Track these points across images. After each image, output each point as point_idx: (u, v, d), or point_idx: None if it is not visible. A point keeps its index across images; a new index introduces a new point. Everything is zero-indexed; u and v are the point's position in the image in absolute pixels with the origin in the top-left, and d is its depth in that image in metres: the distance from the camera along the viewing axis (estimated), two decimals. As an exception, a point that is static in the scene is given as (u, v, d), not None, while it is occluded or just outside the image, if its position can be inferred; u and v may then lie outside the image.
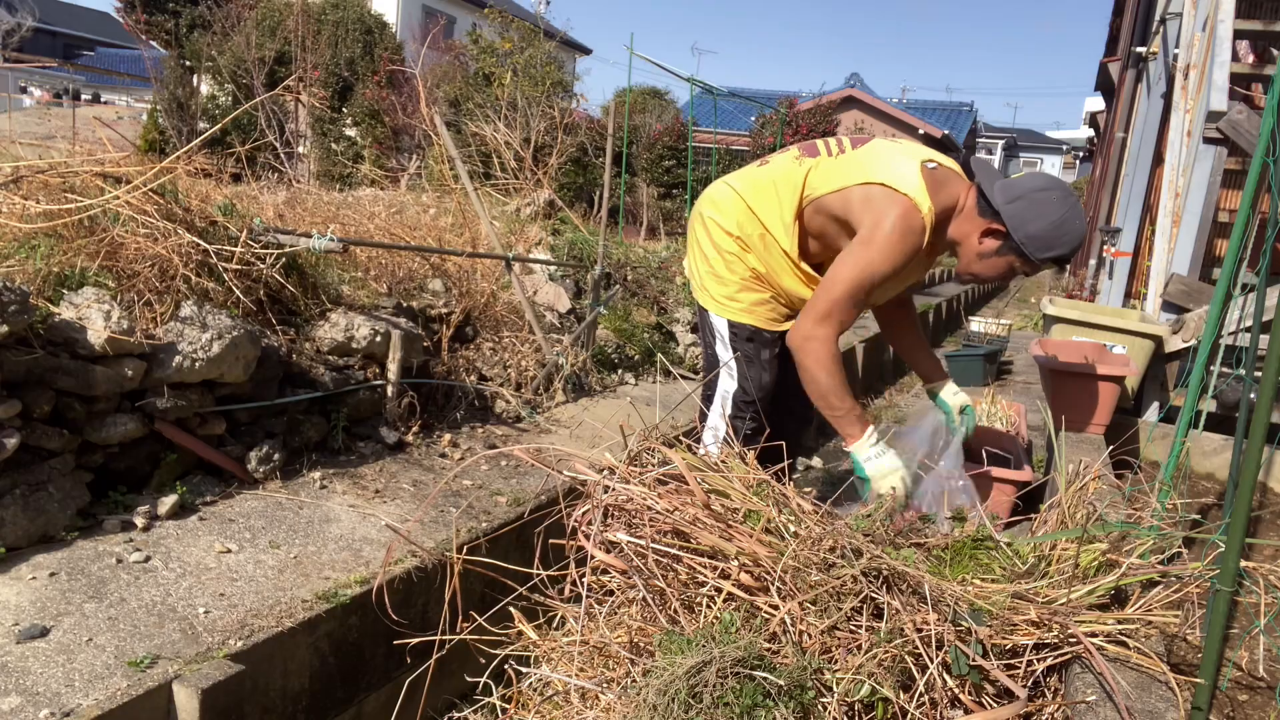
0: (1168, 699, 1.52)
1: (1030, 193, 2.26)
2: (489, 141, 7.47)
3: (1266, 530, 2.69)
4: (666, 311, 5.99)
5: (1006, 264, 2.33)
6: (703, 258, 2.64)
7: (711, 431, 2.65)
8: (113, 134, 4.59)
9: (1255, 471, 1.45)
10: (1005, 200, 2.26)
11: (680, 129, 13.39)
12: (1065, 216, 2.24)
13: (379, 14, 15.22)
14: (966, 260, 2.40)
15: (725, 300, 2.60)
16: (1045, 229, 2.23)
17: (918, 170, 2.30)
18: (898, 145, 2.47)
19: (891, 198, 2.26)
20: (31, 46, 19.72)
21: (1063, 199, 2.26)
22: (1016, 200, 2.25)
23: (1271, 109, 2.03)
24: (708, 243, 2.62)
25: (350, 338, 3.25)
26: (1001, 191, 2.28)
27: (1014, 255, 2.30)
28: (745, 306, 2.59)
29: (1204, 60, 4.06)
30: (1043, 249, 2.25)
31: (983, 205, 2.31)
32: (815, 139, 2.60)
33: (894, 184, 2.27)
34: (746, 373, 2.60)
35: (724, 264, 2.58)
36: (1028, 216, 2.24)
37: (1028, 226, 2.24)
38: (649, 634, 1.61)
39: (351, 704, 2.33)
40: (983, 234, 2.32)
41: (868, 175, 2.33)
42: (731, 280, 2.58)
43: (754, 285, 2.58)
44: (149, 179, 2.76)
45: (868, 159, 2.39)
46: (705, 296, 2.65)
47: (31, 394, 2.29)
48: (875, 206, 2.27)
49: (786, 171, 2.50)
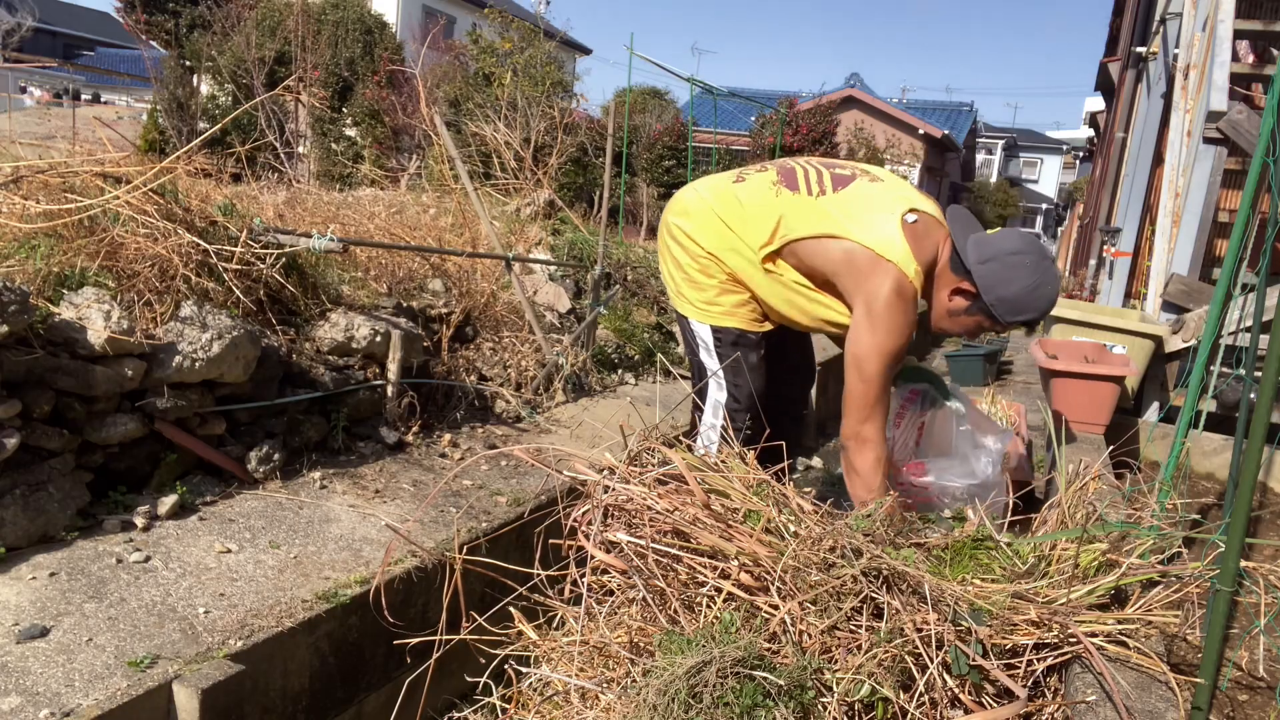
0: (1168, 699, 1.52)
1: (1003, 255, 2.22)
2: (489, 141, 7.47)
3: (1266, 530, 2.69)
4: (666, 311, 5.99)
5: (975, 323, 2.32)
6: (676, 265, 2.59)
7: (706, 440, 2.62)
8: (113, 134, 4.59)
9: (1255, 471, 1.45)
10: (978, 260, 2.23)
11: (680, 129, 13.39)
12: (1038, 282, 2.21)
13: (379, 14, 15.22)
14: (937, 316, 2.40)
15: (705, 305, 2.55)
16: (1016, 293, 2.21)
17: (898, 227, 2.25)
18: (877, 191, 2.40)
19: (879, 267, 2.22)
20: (31, 46, 19.72)
21: (1036, 264, 2.23)
22: (989, 262, 2.22)
23: (1271, 109, 2.03)
24: (680, 250, 2.57)
25: (350, 338, 3.26)
26: (975, 250, 2.24)
27: (982, 316, 2.28)
28: (726, 309, 2.54)
29: (1204, 60, 4.06)
30: (1012, 313, 2.23)
31: (955, 261, 2.28)
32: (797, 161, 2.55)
33: (879, 249, 2.23)
34: (735, 380, 2.56)
35: (699, 269, 2.53)
36: (998, 280, 2.21)
37: (998, 290, 2.21)
38: (649, 634, 1.61)
39: (351, 704, 2.33)
40: (953, 292, 2.30)
41: (850, 232, 2.27)
42: (709, 285, 2.53)
43: (732, 287, 2.53)
44: (149, 179, 2.76)
45: (849, 210, 2.33)
46: (684, 304, 2.59)
47: (31, 394, 2.29)
48: (865, 277, 2.23)
49: (762, 199, 2.44)
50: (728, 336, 2.55)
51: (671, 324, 5.82)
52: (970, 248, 2.25)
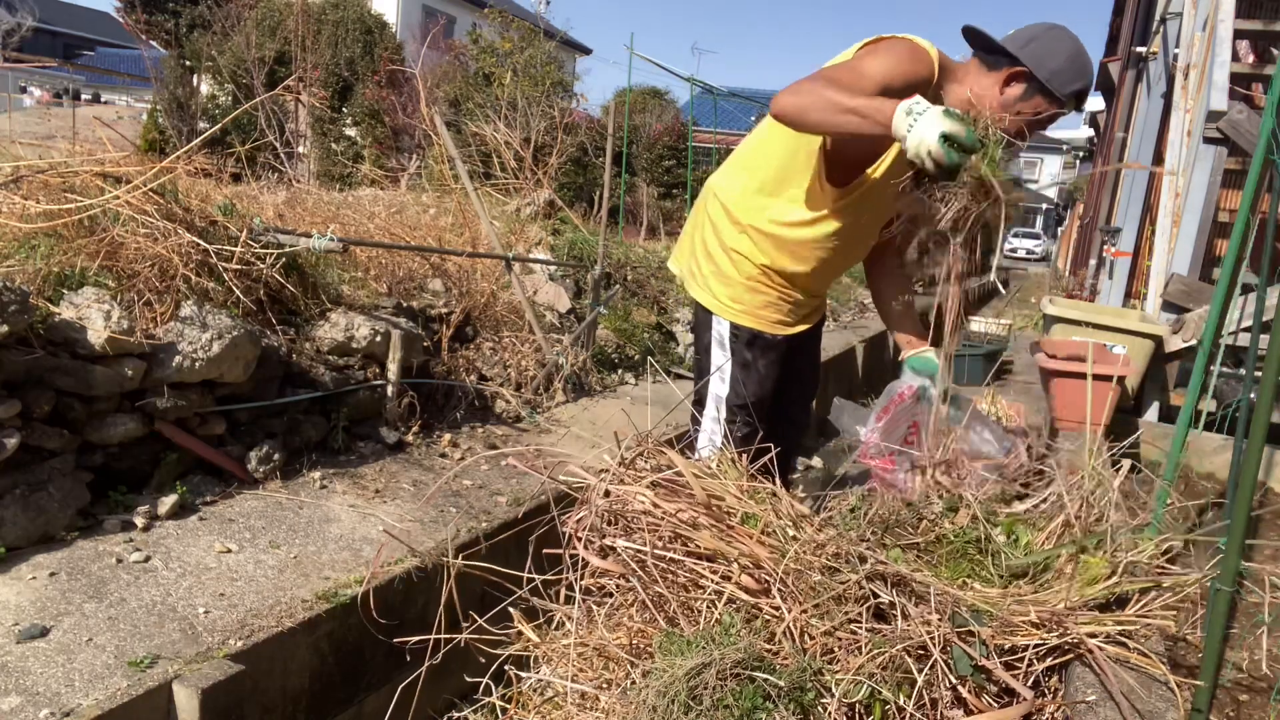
0: (1168, 699, 1.52)
1: (1040, 34, 2.31)
2: (489, 141, 7.47)
3: (1266, 530, 2.69)
4: (666, 311, 5.99)
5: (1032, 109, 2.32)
6: (706, 256, 2.58)
7: (706, 435, 2.61)
8: (113, 134, 4.59)
9: (1255, 471, 1.45)
10: (1019, 46, 2.30)
11: (680, 129, 13.40)
12: (1076, 50, 2.31)
13: (379, 14, 15.22)
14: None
15: (729, 301, 2.55)
16: (1063, 64, 2.28)
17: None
18: None
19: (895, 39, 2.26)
20: (31, 46, 19.71)
21: (1069, 35, 2.33)
22: (1031, 43, 2.30)
23: (1271, 109, 2.03)
24: (714, 241, 2.55)
25: (350, 338, 3.25)
26: (1010, 41, 2.32)
27: (1040, 96, 2.31)
28: (749, 309, 2.53)
29: (1204, 60, 4.05)
30: (1066, 83, 2.29)
31: (991, 60, 2.33)
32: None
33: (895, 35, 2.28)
34: (741, 377, 2.56)
35: (730, 263, 2.52)
36: (1045, 54, 2.28)
37: (1048, 63, 2.27)
38: (649, 635, 1.61)
39: (351, 704, 2.33)
40: (1005, 82, 2.32)
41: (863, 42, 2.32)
42: (737, 280, 2.52)
43: (761, 285, 2.52)
44: (149, 179, 2.76)
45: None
46: (708, 296, 2.58)
47: (31, 394, 2.29)
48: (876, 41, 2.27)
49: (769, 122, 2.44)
50: (745, 335, 2.55)
51: (672, 324, 5.81)
52: (1008, 41, 2.32)
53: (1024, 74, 2.29)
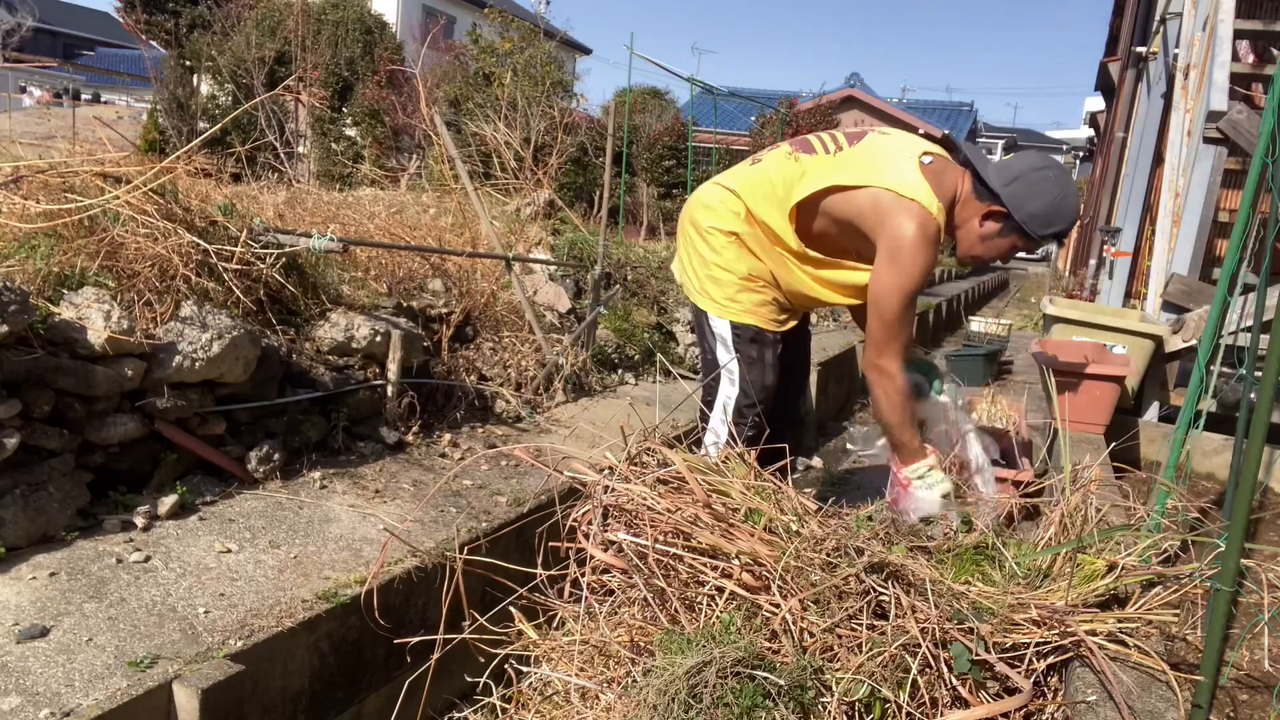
0: (1168, 698, 1.52)
1: (1026, 173, 2.33)
2: (489, 141, 7.47)
3: (1266, 530, 2.69)
4: (666, 311, 5.99)
5: (1009, 243, 2.40)
6: (701, 261, 2.63)
7: (713, 437, 2.64)
8: (113, 134, 4.59)
9: (1255, 471, 1.45)
10: (1003, 183, 2.33)
11: (680, 129, 13.39)
12: (1062, 193, 2.33)
13: (379, 14, 15.21)
14: (968, 244, 2.46)
15: (726, 302, 2.59)
16: (1044, 207, 2.31)
17: (917, 169, 2.34)
18: (891, 140, 2.49)
19: (903, 207, 2.29)
20: (31, 46, 19.72)
21: (1057, 177, 2.35)
22: (1014, 181, 2.32)
23: (1271, 109, 2.03)
24: (703, 246, 2.61)
25: (350, 338, 3.25)
26: (998, 174, 2.35)
27: (1016, 234, 2.37)
28: (746, 307, 2.58)
29: (1204, 60, 4.06)
30: (1043, 226, 2.33)
31: (979, 189, 2.37)
32: (807, 135, 2.60)
33: (901, 190, 2.30)
34: (749, 375, 2.59)
35: (721, 266, 2.58)
36: (1026, 196, 2.31)
37: (1027, 206, 2.31)
38: (649, 633, 1.61)
39: (351, 704, 2.33)
40: (983, 217, 2.38)
41: (871, 178, 2.34)
42: (730, 282, 2.57)
43: (752, 286, 2.58)
44: (149, 179, 2.76)
45: (868, 159, 2.40)
46: (705, 300, 2.64)
47: (31, 394, 2.29)
48: (889, 218, 2.30)
49: (781, 168, 2.50)
50: (746, 333, 2.59)
51: (672, 324, 5.82)
52: (993, 173, 2.36)
53: (1003, 213, 2.35)
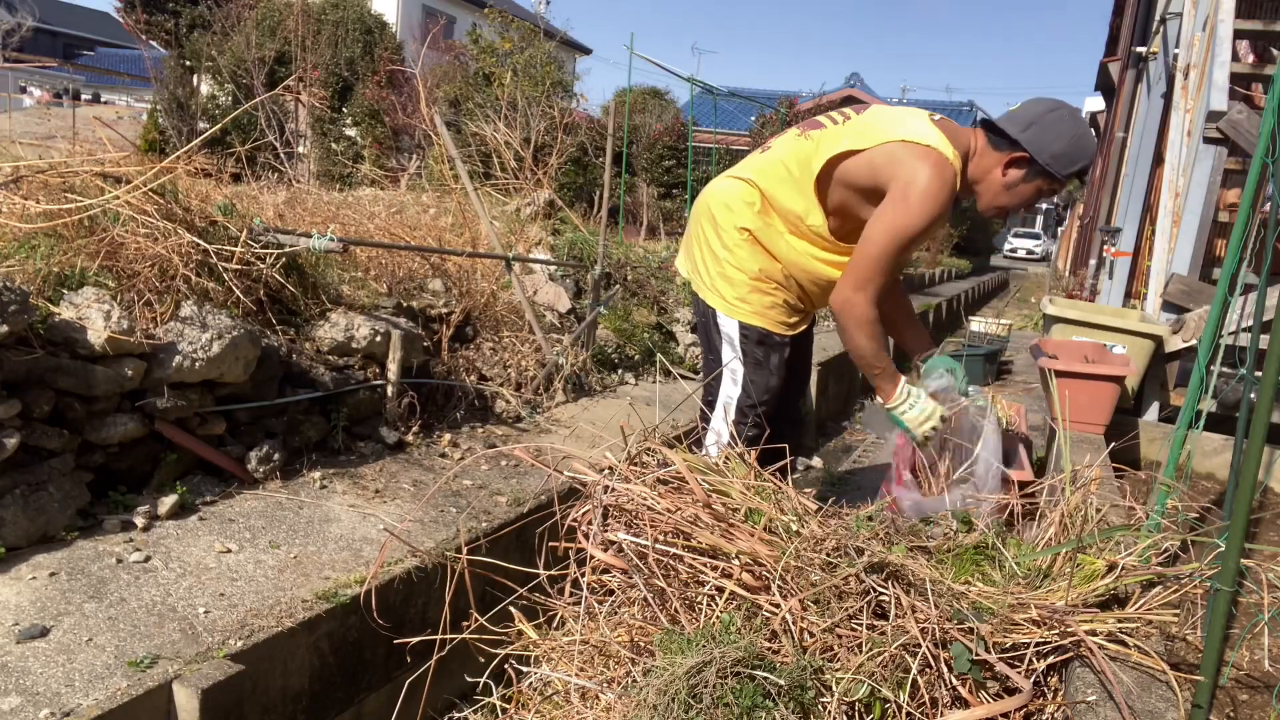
0: (1168, 699, 1.52)
1: (1041, 116, 2.36)
2: (489, 141, 7.47)
3: (1266, 530, 2.69)
4: (666, 311, 5.99)
5: (1033, 189, 2.42)
6: (713, 258, 2.60)
7: (714, 436, 2.62)
8: (113, 134, 4.59)
9: (1255, 471, 1.45)
10: (1020, 129, 2.35)
11: (680, 129, 13.39)
12: (1079, 131, 2.36)
13: (379, 14, 15.22)
14: (991, 195, 2.46)
15: (736, 302, 2.57)
16: (1065, 146, 2.33)
17: (929, 123, 2.36)
18: (898, 109, 2.52)
19: (918, 152, 2.29)
20: (31, 46, 19.72)
21: (1071, 115, 2.38)
22: (1031, 126, 2.35)
23: (1271, 109, 2.03)
24: (717, 243, 2.58)
25: (350, 338, 3.25)
26: (1013, 123, 2.37)
27: (1041, 178, 2.38)
28: (756, 309, 2.56)
29: (1204, 60, 4.06)
30: (1067, 165, 2.35)
31: (995, 140, 2.39)
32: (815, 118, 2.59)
33: (915, 138, 2.31)
34: (753, 377, 2.58)
35: (733, 265, 2.55)
36: (1047, 139, 2.33)
37: (1050, 147, 2.33)
38: (649, 633, 1.61)
39: (351, 704, 2.33)
40: (1006, 166, 2.39)
41: (885, 135, 2.35)
42: (741, 281, 2.55)
43: (763, 287, 2.55)
44: (149, 179, 2.76)
45: (878, 120, 2.41)
46: (715, 298, 2.60)
47: (31, 394, 2.29)
48: (904, 163, 2.30)
49: (794, 149, 2.49)
50: (753, 335, 2.57)
51: (672, 324, 5.81)
52: (1008, 123, 2.38)
53: (1025, 159, 2.36)
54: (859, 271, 2.36)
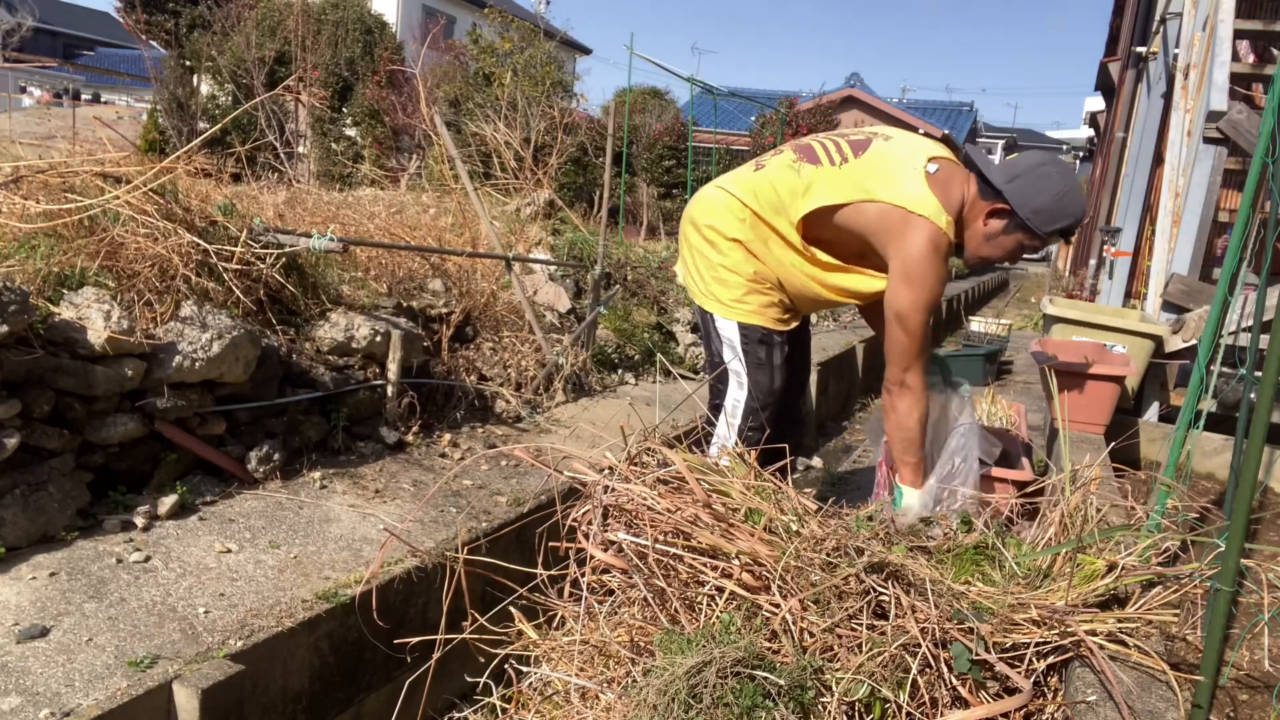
0: (1168, 699, 1.52)
1: (1029, 170, 2.34)
2: (489, 141, 7.47)
3: (1266, 530, 2.69)
4: (666, 311, 5.99)
5: (1015, 242, 2.40)
6: (706, 264, 2.62)
7: (720, 441, 2.63)
8: (113, 134, 4.59)
9: (1255, 471, 1.45)
10: (1006, 180, 2.33)
11: (680, 129, 13.39)
12: (1065, 189, 2.33)
13: (379, 14, 15.21)
14: (975, 245, 2.45)
15: (733, 304, 2.58)
16: (1048, 203, 2.31)
17: (923, 182, 2.33)
18: (895, 148, 2.48)
19: (913, 224, 2.30)
20: (31, 46, 19.71)
21: (1061, 173, 2.35)
22: (1017, 179, 2.33)
23: (1271, 109, 2.03)
24: (708, 249, 2.60)
25: (350, 338, 3.25)
26: (1001, 172, 2.35)
27: (1021, 232, 2.36)
28: (754, 308, 2.57)
29: (1204, 60, 4.06)
30: (1048, 222, 2.32)
31: (984, 189, 2.37)
32: (809, 139, 2.59)
33: (910, 205, 2.31)
34: (756, 377, 2.59)
35: (727, 268, 2.57)
36: (1030, 193, 2.31)
37: (1032, 202, 2.31)
38: (649, 633, 1.61)
39: (351, 704, 2.33)
40: (988, 216, 2.38)
41: (878, 194, 2.35)
42: (737, 283, 2.56)
43: (759, 287, 2.57)
44: (149, 179, 2.76)
45: (873, 172, 2.40)
46: (711, 302, 2.62)
47: (31, 394, 2.29)
48: (900, 235, 2.32)
49: (785, 178, 2.49)
50: (754, 334, 2.58)
51: (672, 324, 5.81)
52: (996, 172, 2.36)
53: (1006, 210, 2.34)
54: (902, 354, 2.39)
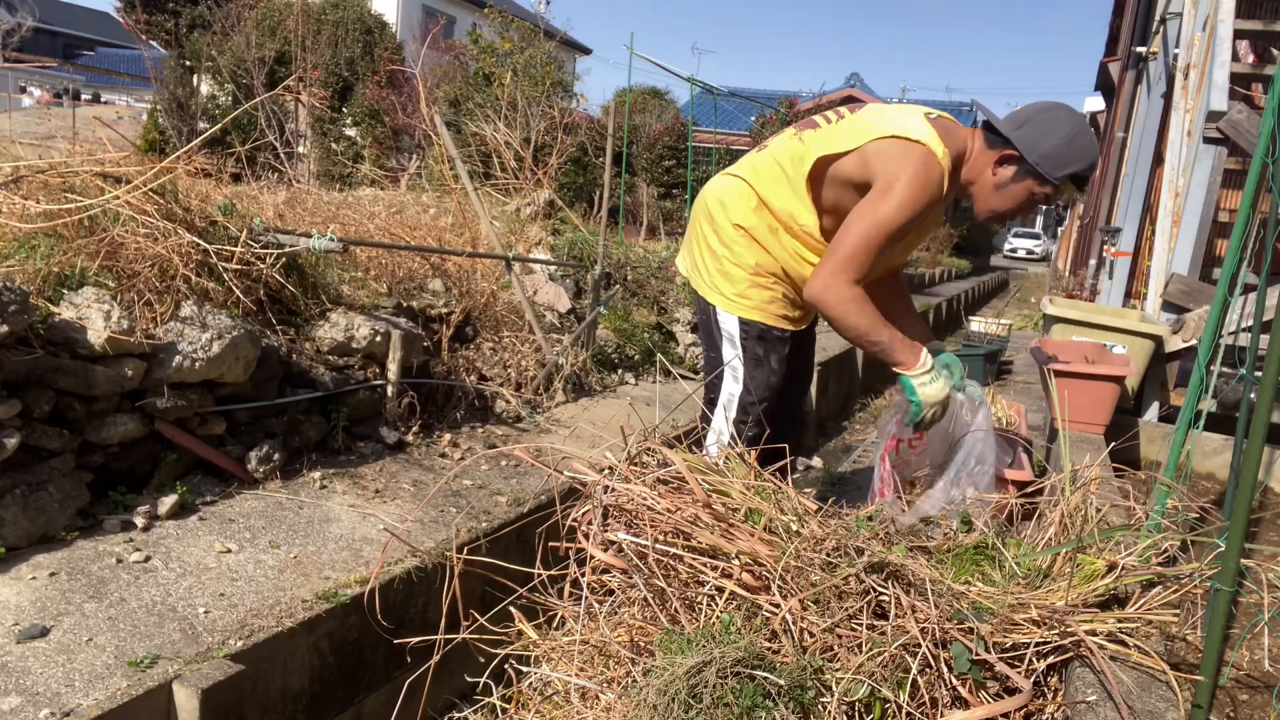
0: (1168, 699, 1.52)
1: (1036, 114, 2.30)
2: (489, 141, 7.47)
3: (1266, 530, 2.69)
4: (666, 311, 5.99)
5: (1025, 190, 2.33)
6: (712, 255, 2.59)
7: (715, 435, 2.62)
8: (113, 134, 4.59)
9: (1255, 471, 1.45)
10: (1014, 127, 2.30)
11: (680, 129, 13.40)
12: (1075, 132, 2.27)
13: (379, 14, 15.22)
14: (984, 196, 2.40)
15: (736, 298, 2.56)
16: (1057, 146, 2.26)
17: (922, 119, 2.32)
18: (893, 107, 2.48)
19: (906, 147, 2.25)
20: (31, 46, 19.72)
21: (1069, 116, 2.30)
22: (1025, 124, 2.29)
23: (1271, 109, 2.03)
24: (715, 240, 2.58)
25: (350, 338, 3.25)
26: (1009, 120, 2.32)
27: (1031, 179, 2.31)
28: (755, 304, 2.55)
29: (1204, 60, 4.06)
30: (1058, 167, 2.27)
31: (990, 138, 2.34)
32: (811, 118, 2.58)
33: (904, 134, 2.27)
34: (753, 374, 2.57)
35: (731, 261, 2.55)
36: (1038, 136, 2.27)
37: (1040, 146, 2.26)
38: (649, 633, 1.61)
39: (351, 704, 2.33)
40: (996, 164, 2.33)
41: (876, 131, 2.32)
42: (740, 277, 2.54)
43: (761, 281, 2.54)
44: (149, 179, 2.76)
45: (871, 118, 2.39)
46: (714, 294, 2.60)
47: (31, 394, 2.29)
48: (892, 157, 2.26)
49: (788, 148, 2.48)
50: (753, 330, 2.56)
51: (672, 324, 5.81)
52: (1005, 120, 2.33)
53: (1015, 156, 2.29)
54: (836, 255, 2.28)
